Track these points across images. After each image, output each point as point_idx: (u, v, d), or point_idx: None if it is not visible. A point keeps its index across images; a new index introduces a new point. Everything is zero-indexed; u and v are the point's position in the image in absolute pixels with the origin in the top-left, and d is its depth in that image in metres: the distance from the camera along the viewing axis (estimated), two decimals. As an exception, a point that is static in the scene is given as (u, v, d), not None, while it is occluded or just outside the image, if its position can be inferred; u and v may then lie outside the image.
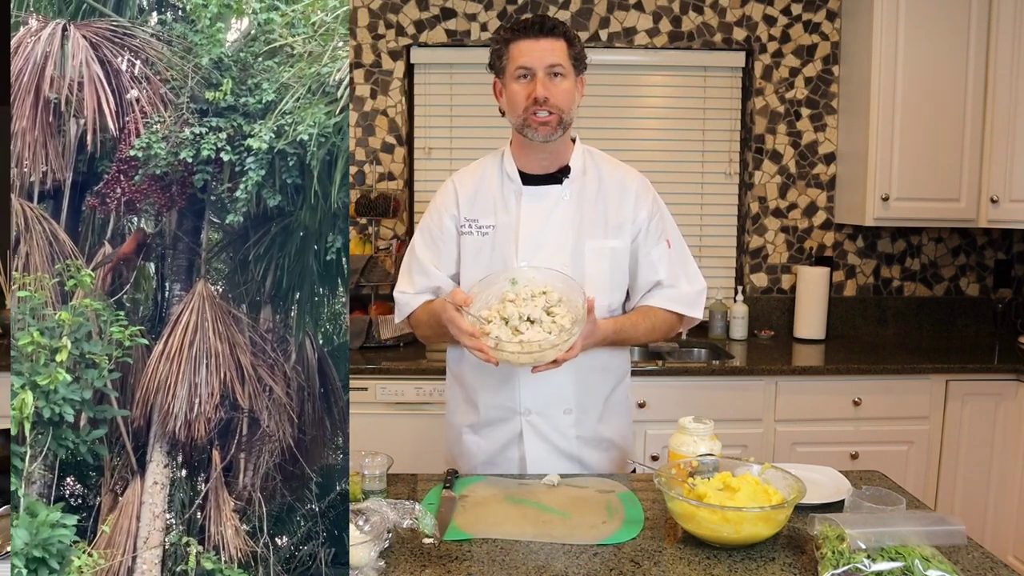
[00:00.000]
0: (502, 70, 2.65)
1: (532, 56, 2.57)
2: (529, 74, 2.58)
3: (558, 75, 2.59)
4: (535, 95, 2.56)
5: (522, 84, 2.60)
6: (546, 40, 2.57)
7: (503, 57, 2.63)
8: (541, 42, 2.57)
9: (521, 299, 2.44)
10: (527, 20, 2.61)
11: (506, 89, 2.66)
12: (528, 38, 2.58)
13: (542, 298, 2.44)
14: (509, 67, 2.62)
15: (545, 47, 2.57)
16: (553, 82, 2.58)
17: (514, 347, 2.31)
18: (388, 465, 2.34)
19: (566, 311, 2.42)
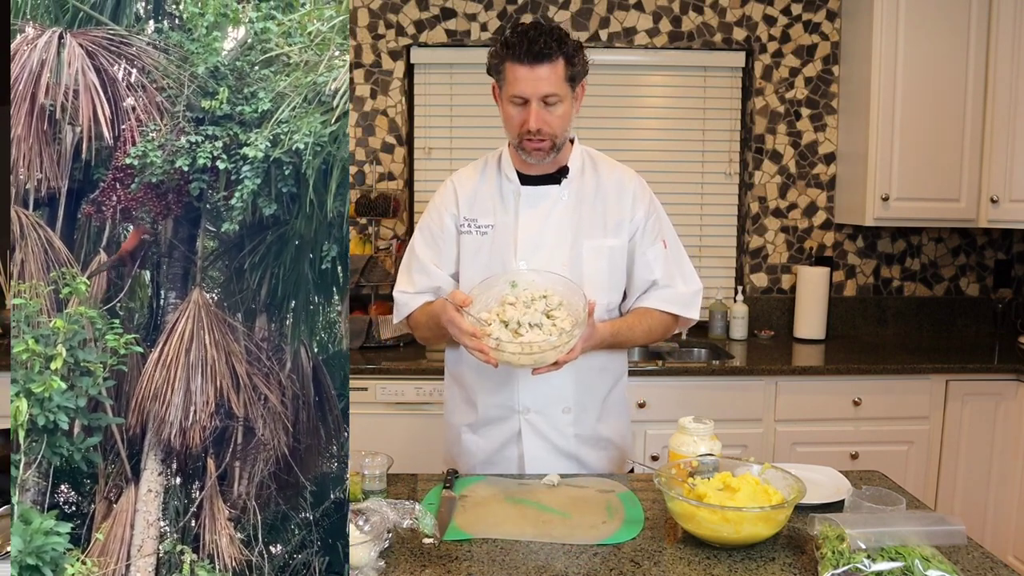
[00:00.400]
0: (500, 84, 2.62)
1: (526, 86, 2.52)
2: (523, 101, 2.55)
3: (552, 103, 2.55)
4: (528, 126, 2.55)
5: (517, 109, 2.57)
6: (541, 68, 2.50)
7: (500, 73, 2.59)
8: (536, 70, 2.50)
9: (521, 302, 2.44)
10: (523, 40, 2.50)
11: (502, 106, 2.64)
12: (522, 64, 2.50)
13: (542, 302, 2.44)
14: (505, 87, 2.58)
15: (539, 76, 2.51)
16: (547, 111, 2.55)
17: (515, 348, 2.31)
18: (388, 465, 2.35)
19: (566, 314, 2.42)
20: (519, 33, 2.51)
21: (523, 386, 2.69)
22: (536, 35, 2.49)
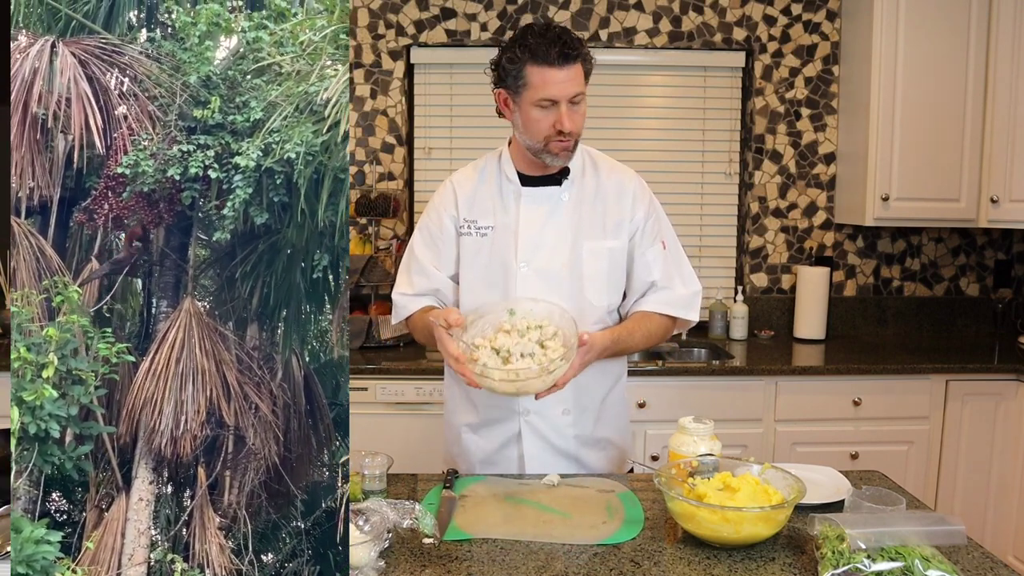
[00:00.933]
0: (517, 89, 2.56)
1: (557, 88, 2.49)
2: (551, 104, 2.52)
3: (577, 102, 2.55)
4: (560, 127, 2.53)
5: (544, 112, 2.54)
6: (570, 68, 2.49)
7: (519, 78, 2.53)
8: (564, 71, 2.49)
9: (516, 331, 2.43)
10: (547, 42, 2.48)
11: (521, 111, 2.58)
12: (551, 67, 2.47)
13: (537, 331, 2.43)
14: (528, 92, 2.53)
15: (569, 77, 2.50)
16: (574, 110, 2.55)
17: (500, 375, 2.29)
18: (388, 465, 2.34)
19: (560, 344, 2.41)
20: (538, 36, 2.49)
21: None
22: (556, 37, 2.48)
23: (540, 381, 2.31)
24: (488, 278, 2.70)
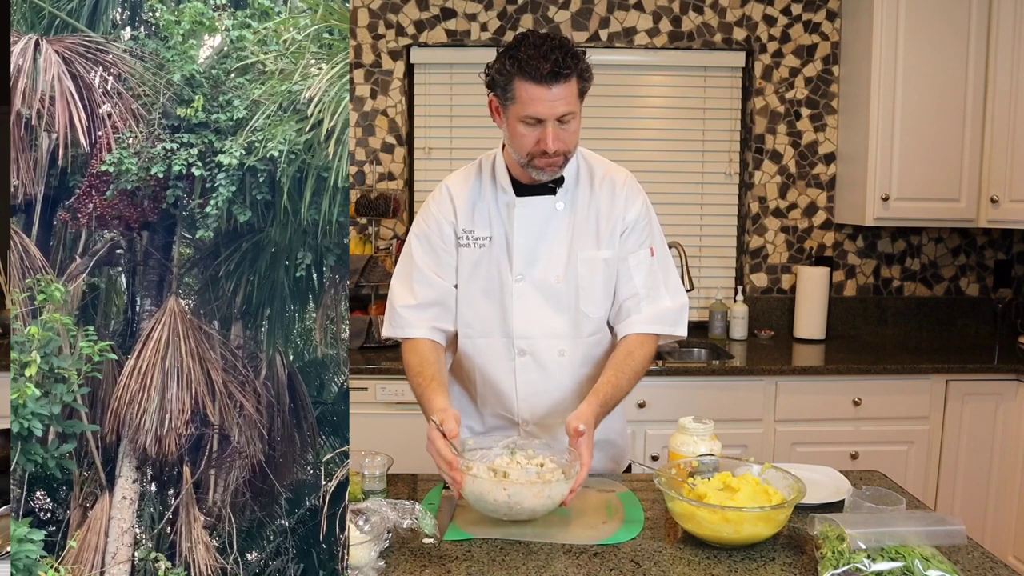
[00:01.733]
0: (504, 101, 2.47)
1: (543, 107, 2.38)
2: (537, 122, 2.42)
3: (567, 121, 2.44)
4: (544, 147, 2.44)
5: (529, 129, 2.44)
6: (558, 87, 2.37)
7: (507, 90, 2.43)
8: (553, 90, 2.37)
9: (516, 462, 2.36)
10: (540, 57, 2.36)
11: (508, 123, 2.49)
12: (540, 84, 2.36)
13: (537, 467, 2.35)
14: (514, 107, 2.43)
15: (557, 96, 2.38)
16: (563, 128, 2.44)
17: (491, 485, 2.16)
18: (388, 465, 2.33)
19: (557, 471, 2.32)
20: (531, 49, 2.38)
21: (521, 400, 2.66)
22: (549, 52, 2.36)
23: (532, 497, 2.16)
24: (487, 290, 2.65)
